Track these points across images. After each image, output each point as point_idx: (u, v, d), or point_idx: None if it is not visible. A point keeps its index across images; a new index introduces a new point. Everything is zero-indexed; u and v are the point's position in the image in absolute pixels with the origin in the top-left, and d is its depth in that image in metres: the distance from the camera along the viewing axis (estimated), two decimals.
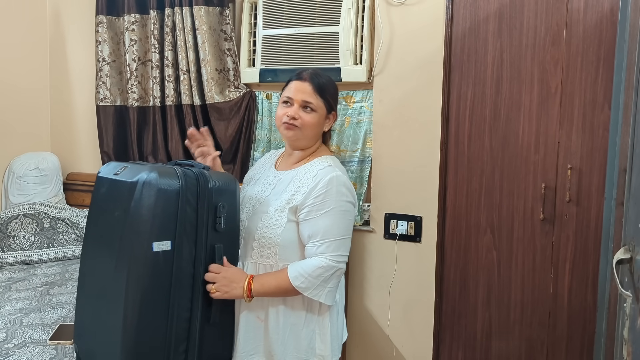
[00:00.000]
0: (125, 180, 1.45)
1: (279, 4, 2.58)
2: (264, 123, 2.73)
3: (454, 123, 2.24)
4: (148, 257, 1.38)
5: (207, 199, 1.47)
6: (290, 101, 1.62)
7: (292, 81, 1.65)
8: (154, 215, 1.39)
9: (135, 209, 1.39)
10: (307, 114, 1.60)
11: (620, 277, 1.27)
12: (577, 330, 2.09)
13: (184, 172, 1.46)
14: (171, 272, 1.42)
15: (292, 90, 1.62)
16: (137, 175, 1.42)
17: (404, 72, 2.41)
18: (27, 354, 1.78)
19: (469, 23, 2.18)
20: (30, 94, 3.21)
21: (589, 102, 2.01)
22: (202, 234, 1.47)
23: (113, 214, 1.47)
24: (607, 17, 1.96)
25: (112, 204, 1.49)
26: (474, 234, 2.23)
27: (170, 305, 1.42)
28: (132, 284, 1.38)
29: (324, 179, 1.54)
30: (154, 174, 1.41)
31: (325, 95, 1.62)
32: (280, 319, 1.59)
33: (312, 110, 1.60)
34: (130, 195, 1.40)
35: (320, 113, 1.62)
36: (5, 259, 2.72)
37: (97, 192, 1.59)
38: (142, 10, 2.93)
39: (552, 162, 2.08)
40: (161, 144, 2.94)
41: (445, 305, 2.32)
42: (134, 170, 1.48)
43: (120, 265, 1.40)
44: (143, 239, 1.39)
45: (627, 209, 1.38)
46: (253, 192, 1.69)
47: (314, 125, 1.61)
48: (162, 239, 1.40)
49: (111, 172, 1.55)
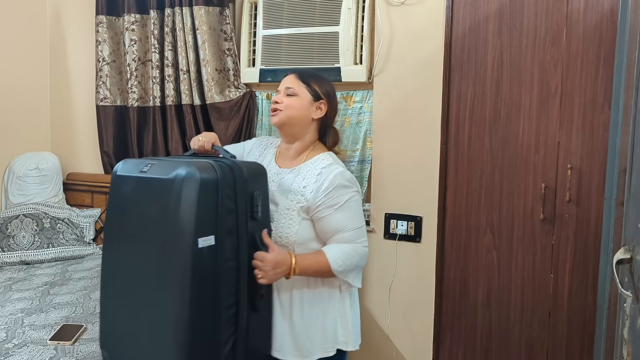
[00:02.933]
0: (160, 177, 1.39)
1: (279, 4, 2.58)
2: (264, 123, 2.73)
3: (454, 123, 2.24)
4: (195, 254, 1.35)
5: (243, 188, 1.45)
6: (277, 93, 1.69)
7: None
8: (197, 211, 1.35)
9: (177, 206, 1.35)
10: (289, 98, 1.64)
11: (620, 277, 1.27)
12: (577, 330, 2.09)
13: (218, 164, 1.43)
14: (216, 266, 1.40)
15: (280, 85, 1.69)
16: (174, 172, 1.37)
17: (404, 72, 2.41)
18: (26, 354, 1.78)
19: (469, 23, 2.18)
20: (30, 94, 3.21)
21: (589, 102, 2.01)
22: (243, 224, 1.45)
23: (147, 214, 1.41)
24: (607, 17, 1.96)
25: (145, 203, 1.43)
26: (474, 234, 2.23)
27: (219, 299, 1.40)
28: (182, 284, 1.34)
29: (329, 177, 1.60)
30: (192, 169, 1.37)
31: (308, 82, 1.67)
32: (304, 313, 1.62)
33: (293, 94, 1.65)
34: (169, 192, 1.36)
35: (303, 97, 1.65)
36: (5, 259, 2.72)
37: (118, 191, 1.52)
38: (142, 10, 2.93)
39: (552, 162, 2.08)
40: (161, 144, 2.95)
41: (445, 306, 2.32)
42: (165, 166, 1.43)
43: (165, 265, 1.36)
44: (188, 236, 1.34)
45: (627, 209, 1.38)
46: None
47: (297, 108, 1.64)
48: (206, 234, 1.37)
49: (134, 169, 1.48)
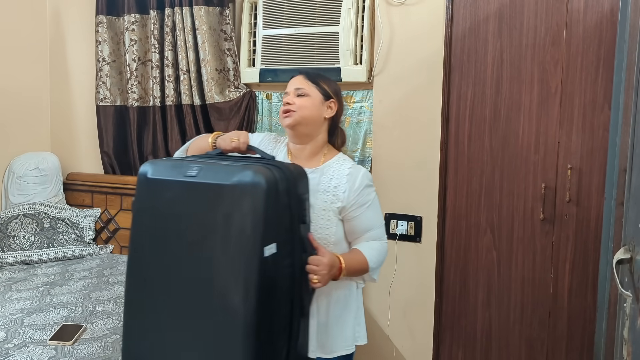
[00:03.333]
0: (218, 182, 1.30)
1: (279, 4, 2.58)
2: (264, 123, 2.73)
3: (454, 123, 2.24)
4: (261, 263, 1.27)
5: (294, 192, 1.39)
6: (286, 94, 1.66)
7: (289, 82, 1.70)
8: (263, 219, 1.28)
9: (242, 214, 1.27)
10: (300, 98, 1.62)
11: (620, 277, 1.27)
12: (577, 330, 2.09)
13: (271, 167, 1.36)
14: (277, 275, 1.33)
15: (288, 86, 1.67)
16: (235, 177, 1.29)
17: (404, 72, 2.41)
18: (26, 353, 1.78)
19: (469, 23, 2.18)
20: (30, 94, 3.21)
21: (589, 102, 2.01)
22: (296, 229, 1.40)
23: (201, 222, 1.32)
24: (607, 17, 1.96)
25: (197, 210, 1.33)
26: (474, 234, 2.23)
27: (279, 307, 1.35)
28: (248, 294, 1.26)
29: (358, 177, 1.62)
30: (257, 174, 1.29)
31: (317, 82, 1.65)
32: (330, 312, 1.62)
33: (304, 94, 1.62)
34: (232, 198, 1.27)
35: (314, 97, 1.63)
36: (5, 259, 2.72)
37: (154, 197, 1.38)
38: (142, 10, 2.93)
39: (552, 162, 2.08)
40: (161, 144, 2.95)
41: (445, 306, 2.32)
42: (218, 170, 1.34)
43: (226, 276, 1.28)
44: (254, 245, 1.27)
45: (627, 209, 1.38)
46: None
47: (309, 107, 1.62)
48: (270, 242, 1.29)
49: (174, 173, 1.36)
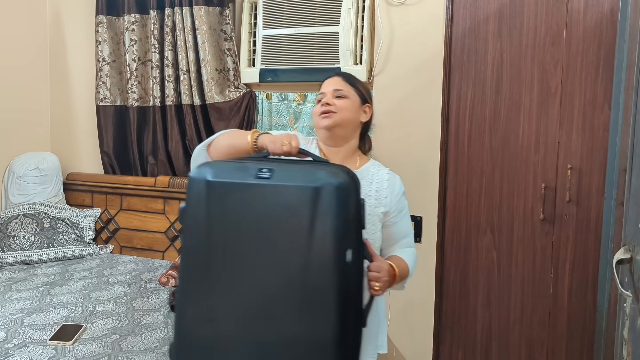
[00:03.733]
0: (298, 184, 1.24)
1: (279, 4, 2.58)
2: (264, 123, 2.73)
3: (454, 123, 2.24)
4: (343, 269, 1.24)
5: (358, 196, 1.35)
6: (322, 95, 1.60)
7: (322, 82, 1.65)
8: (346, 223, 1.24)
9: (326, 218, 1.22)
10: (340, 100, 1.57)
11: (620, 277, 1.27)
12: (577, 330, 2.09)
13: (340, 170, 1.32)
14: (351, 282, 1.29)
15: (323, 86, 1.61)
16: (317, 179, 1.24)
17: (404, 72, 2.41)
18: (26, 353, 1.78)
19: (469, 23, 2.18)
20: (30, 94, 3.21)
21: (589, 102, 2.01)
22: (360, 235, 1.36)
23: (278, 226, 1.25)
24: (607, 18, 1.96)
25: (273, 214, 1.26)
26: (474, 234, 2.23)
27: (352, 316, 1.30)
28: (331, 302, 1.22)
29: (397, 183, 1.62)
30: (340, 176, 1.25)
31: (355, 84, 1.62)
32: None
33: (344, 96, 1.58)
34: (314, 202, 1.22)
35: (353, 100, 1.59)
36: (5, 259, 2.72)
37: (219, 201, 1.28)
38: (142, 10, 2.93)
39: (552, 162, 2.08)
40: (161, 143, 2.95)
41: (445, 306, 2.32)
42: (293, 171, 1.28)
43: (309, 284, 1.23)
44: (340, 249, 1.23)
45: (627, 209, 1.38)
46: None
47: (349, 109, 1.57)
48: (348, 247, 1.26)
49: (240, 175, 1.28)
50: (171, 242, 2.93)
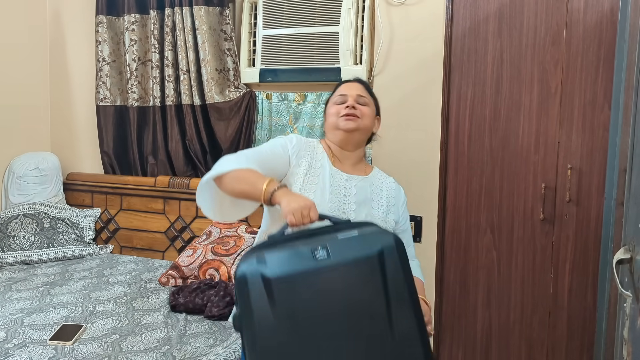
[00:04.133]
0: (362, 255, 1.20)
1: (279, 4, 2.58)
2: (264, 123, 2.73)
3: (454, 123, 2.24)
4: (424, 328, 1.22)
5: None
6: (344, 97, 1.57)
7: (340, 85, 1.64)
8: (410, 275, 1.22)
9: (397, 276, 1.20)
10: (363, 106, 1.58)
11: (620, 277, 1.27)
12: (577, 330, 2.09)
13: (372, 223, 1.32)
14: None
15: (344, 89, 1.60)
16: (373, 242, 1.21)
17: (404, 72, 2.41)
18: (26, 353, 1.78)
19: (469, 23, 2.18)
20: (30, 94, 3.21)
21: (589, 102, 2.01)
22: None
23: (356, 300, 1.21)
24: (607, 17, 1.96)
25: (346, 291, 1.20)
26: (474, 234, 2.23)
27: None
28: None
29: (402, 192, 1.66)
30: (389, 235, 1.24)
31: (373, 95, 1.65)
32: None
33: (365, 104, 1.59)
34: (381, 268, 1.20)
35: (372, 109, 1.61)
36: (5, 259, 2.72)
37: (286, 297, 1.18)
38: (142, 10, 2.93)
39: (552, 162, 2.08)
40: (161, 144, 2.95)
41: (445, 305, 2.32)
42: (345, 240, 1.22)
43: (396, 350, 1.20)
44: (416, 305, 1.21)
45: (627, 209, 1.38)
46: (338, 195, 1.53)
47: (370, 118, 1.59)
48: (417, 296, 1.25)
49: (299, 262, 1.19)
50: (171, 242, 2.93)
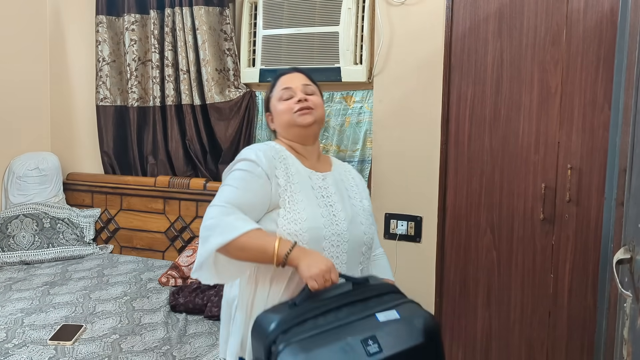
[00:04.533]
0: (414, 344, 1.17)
1: (279, 4, 2.58)
2: (264, 123, 2.73)
3: (454, 123, 2.24)
4: None
5: None
6: (290, 91, 1.48)
7: (278, 79, 1.53)
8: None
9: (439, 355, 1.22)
10: (312, 95, 1.49)
11: (620, 277, 1.27)
12: (577, 330, 2.09)
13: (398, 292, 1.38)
14: None
15: (286, 81, 1.50)
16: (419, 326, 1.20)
17: (404, 72, 2.41)
18: (26, 353, 1.78)
19: (469, 23, 2.18)
20: (30, 94, 3.20)
21: (589, 102, 2.01)
22: None
23: None
24: (607, 17, 1.95)
25: None
26: (474, 234, 2.23)
27: None
28: None
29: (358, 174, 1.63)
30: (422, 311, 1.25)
31: (314, 81, 1.55)
32: None
33: (313, 92, 1.50)
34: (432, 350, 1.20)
35: (319, 96, 1.53)
36: (5, 259, 2.72)
37: None
38: (142, 10, 2.93)
39: (552, 162, 2.08)
40: (161, 143, 2.95)
41: (446, 305, 2.32)
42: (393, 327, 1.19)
43: None
44: None
45: (627, 209, 1.38)
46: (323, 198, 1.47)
47: (322, 106, 1.52)
48: None
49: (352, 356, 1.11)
50: (171, 242, 2.93)
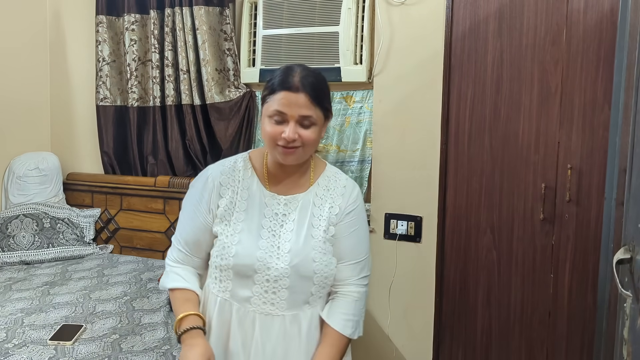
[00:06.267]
0: None
1: (279, 4, 2.58)
2: None
3: (454, 123, 2.24)
4: None
5: None
6: (282, 117, 1.30)
7: (279, 92, 1.30)
8: None
9: None
10: (307, 130, 1.31)
11: (620, 277, 1.27)
12: (577, 330, 2.09)
13: None
14: None
15: (283, 104, 1.29)
16: None
17: (404, 72, 2.41)
18: (26, 353, 1.78)
19: (469, 23, 2.18)
20: (30, 94, 3.21)
21: (589, 102, 2.01)
22: None
23: None
24: (607, 17, 1.95)
25: None
26: (474, 234, 2.23)
27: None
28: None
29: (354, 192, 1.45)
30: None
31: (323, 103, 1.34)
32: None
33: (311, 123, 1.32)
34: None
35: (320, 123, 1.35)
36: (5, 259, 2.72)
37: None
38: (142, 10, 2.93)
39: (552, 162, 2.08)
40: (161, 144, 2.95)
41: (445, 305, 2.32)
42: None
43: None
44: None
45: (627, 209, 1.38)
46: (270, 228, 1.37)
47: (317, 140, 1.35)
48: None
49: None
50: (171, 242, 2.92)
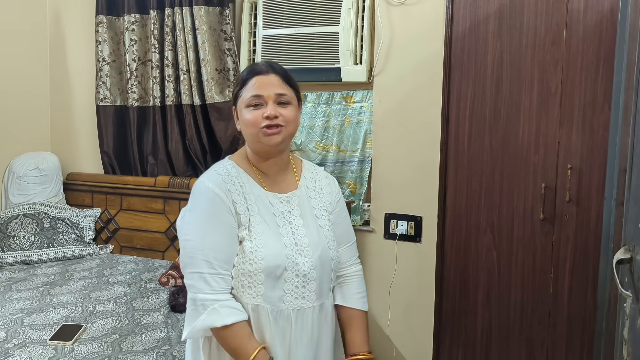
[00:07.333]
0: None
1: (279, 4, 2.58)
2: None
3: (454, 123, 2.24)
4: None
5: None
6: (260, 100, 1.34)
7: (250, 79, 1.37)
8: None
9: None
10: (286, 109, 1.35)
11: (620, 277, 1.27)
12: (577, 330, 2.09)
13: None
14: None
15: (258, 87, 1.34)
16: None
17: (404, 72, 2.41)
18: (26, 353, 1.78)
19: (469, 23, 2.18)
20: (30, 94, 3.20)
21: (589, 102, 2.01)
22: None
23: None
24: (607, 17, 1.95)
25: None
26: (474, 234, 2.23)
27: None
28: None
29: (334, 180, 1.54)
30: None
31: (293, 84, 1.41)
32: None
33: (287, 102, 1.36)
34: None
35: (294, 104, 1.38)
36: (5, 259, 2.72)
37: None
38: (142, 10, 2.93)
39: (552, 162, 2.08)
40: (161, 144, 2.95)
41: (445, 305, 2.32)
42: None
43: None
44: None
45: (627, 209, 1.38)
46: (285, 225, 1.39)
47: (296, 119, 1.38)
48: None
49: None
50: (171, 242, 2.93)
